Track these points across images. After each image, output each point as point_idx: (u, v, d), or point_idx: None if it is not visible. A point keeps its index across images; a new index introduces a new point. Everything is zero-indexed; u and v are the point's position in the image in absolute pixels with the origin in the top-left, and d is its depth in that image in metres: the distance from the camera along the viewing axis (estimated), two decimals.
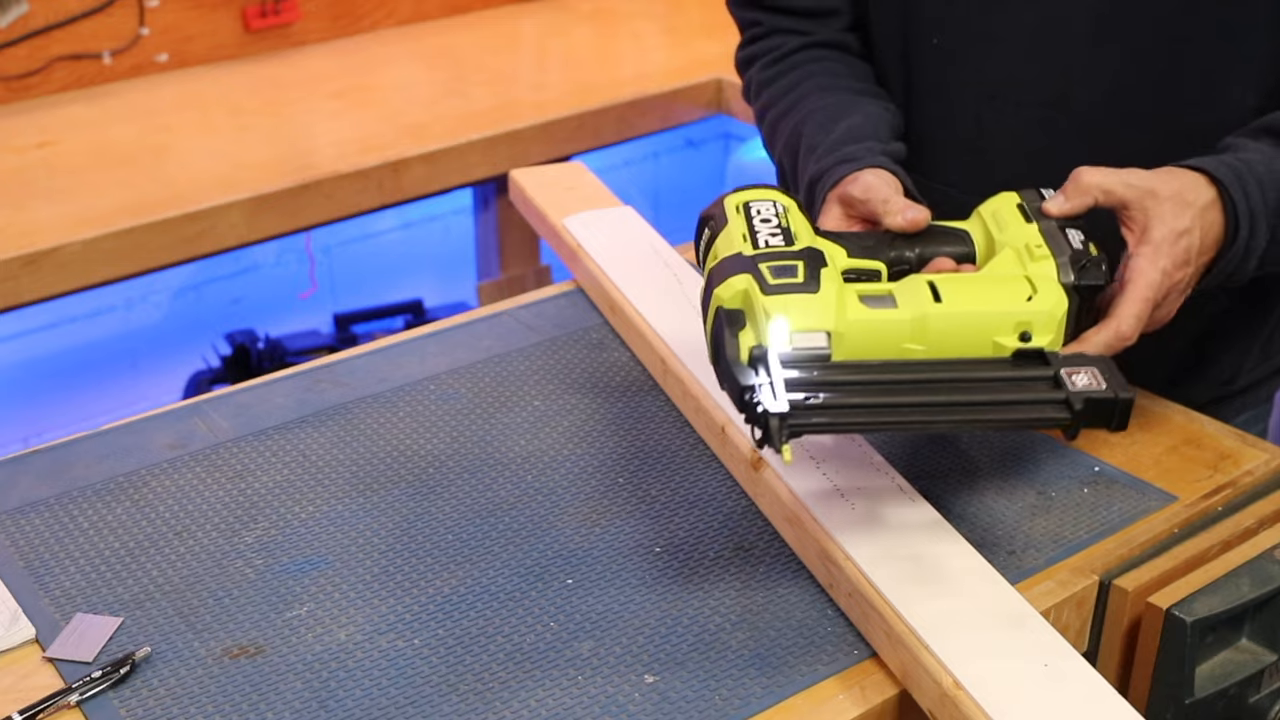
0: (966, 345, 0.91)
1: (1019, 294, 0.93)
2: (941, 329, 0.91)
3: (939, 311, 0.91)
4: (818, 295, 0.90)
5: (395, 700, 0.90)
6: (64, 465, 1.14)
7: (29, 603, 0.98)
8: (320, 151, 2.09)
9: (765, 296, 0.90)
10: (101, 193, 1.94)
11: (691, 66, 2.40)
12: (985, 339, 0.91)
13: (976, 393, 0.89)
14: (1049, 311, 0.92)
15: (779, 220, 0.97)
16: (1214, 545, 1.04)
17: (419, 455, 1.15)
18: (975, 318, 0.91)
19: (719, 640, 0.95)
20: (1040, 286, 0.93)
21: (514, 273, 2.44)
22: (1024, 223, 1.00)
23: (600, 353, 1.30)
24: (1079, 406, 0.87)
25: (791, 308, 0.89)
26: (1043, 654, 0.90)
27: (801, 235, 0.96)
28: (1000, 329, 0.91)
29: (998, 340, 0.91)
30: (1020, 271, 0.96)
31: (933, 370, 0.90)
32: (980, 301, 0.92)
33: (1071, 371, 0.89)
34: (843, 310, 0.90)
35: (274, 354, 2.37)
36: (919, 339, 0.91)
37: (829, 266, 0.93)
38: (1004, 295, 0.93)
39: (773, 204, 0.98)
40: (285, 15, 2.46)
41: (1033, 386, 0.89)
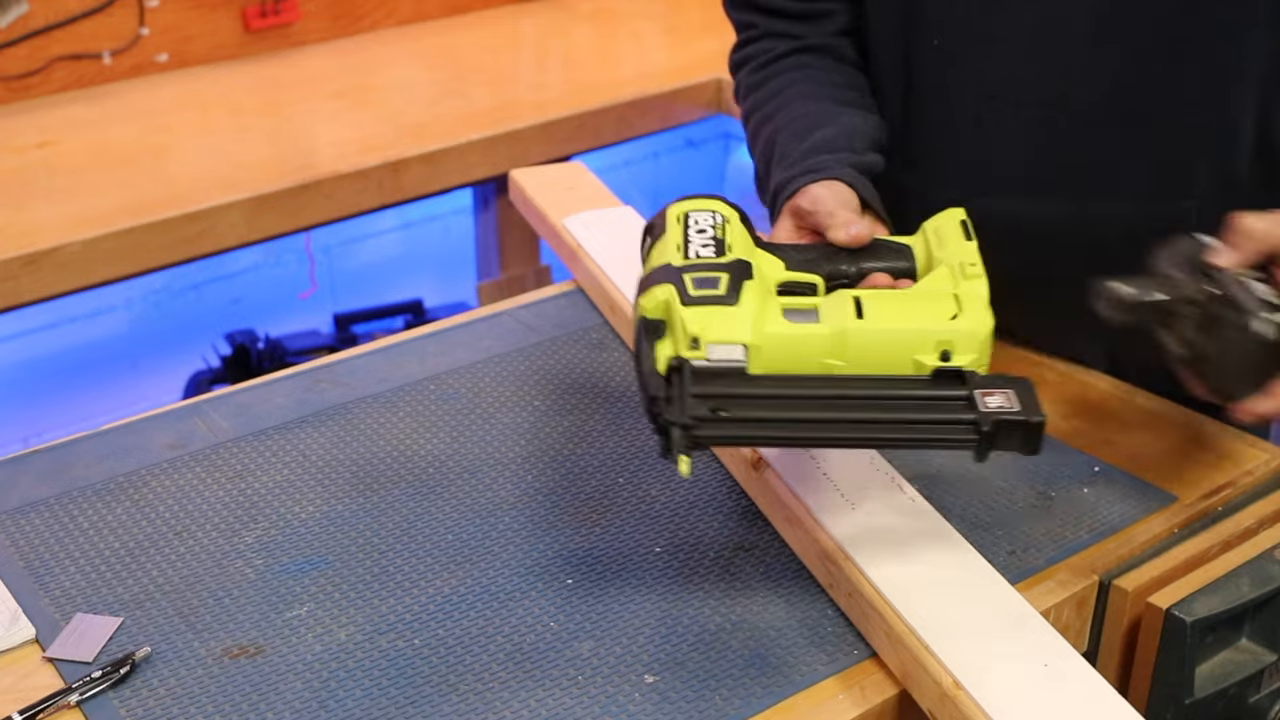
0: (887, 362, 0.90)
1: (944, 312, 0.91)
2: (861, 344, 0.90)
3: (859, 327, 0.90)
4: (736, 308, 0.90)
5: (395, 700, 0.90)
6: (64, 465, 1.14)
7: (29, 603, 0.98)
8: (320, 151, 2.09)
9: (684, 307, 0.90)
10: (101, 193, 1.94)
11: (691, 66, 2.40)
12: (906, 356, 0.90)
13: (886, 411, 0.88)
14: (972, 331, 0.90)
15: (714, 231, 0.96)
16: (1214, 545, 1.04)
17: (419, 455, 1.15)
18: (896, 335, 0.90)
19: (719, 640, 0.95)
20: (966, 306, 0.92)
21: (514, 273, 2.44)
22: (963, 240, 0.98)
23: (600, 353, 1.30)
24: (987, 428, 0.86)
25: (709, 319, 0.89)
26: (1043, 654, 0.90)
27: (736, 247, 0.95)
28: (921, 347, 0.90)
29: (918, 358, 0.90)
30: (951, 289, 0.94)
31: (847, 386, 0.89)
32: (903, 319, 0.91)
33: (986, 393, 0.88)
34: (761, 323, 0.90)
35: (274, 354, 2.37)
36: (839, 354, 0.90)
37: (754, 280, 0.92)
38: (928, 313, 0.91)
39: (712, 215, 0.98)
40: (285, 15, 2.46)
41: (945, 406, 0.88)
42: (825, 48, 1.27)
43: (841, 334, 0.90)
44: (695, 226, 0.97)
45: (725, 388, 0.88)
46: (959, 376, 0.89)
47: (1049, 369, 1.26)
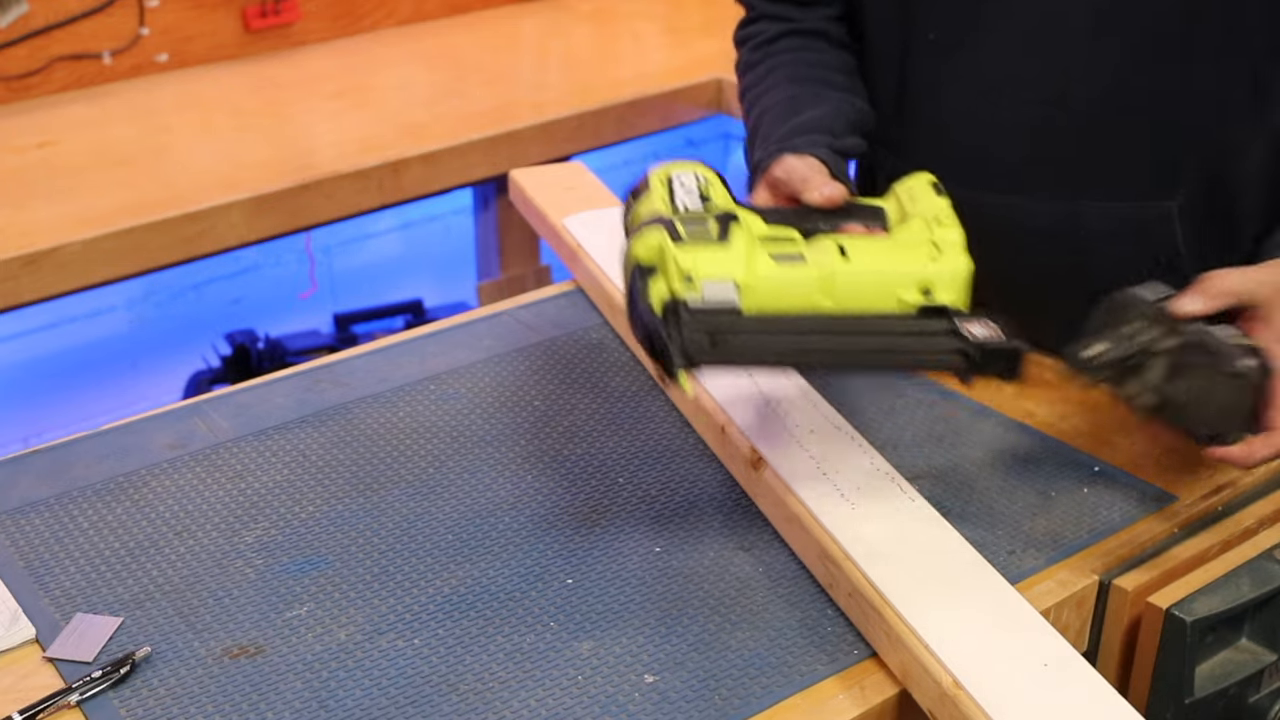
0: (873, 301, 0.95)
1: (924, 255, 0.96)
2: (849, 285, 0.94)
3: (846, 268, 0.94)
4: (728, 248, 0.93)
5: (395, 700, 0.90)
6: (64, 465, 1.14)
7: (29, 603, 0.98)
8: (320, 151, 2.08)
9: (676, 247, 0.93)
10: (101, 193, 1.93)
11: (691, 66, 2.40)
12: (891, 295, 0.95)
13: (878, 337, 0.94)
14: (952, 272, 0.95)
15: (699, 188, 1.00)
16: (1214, 545, 1.04)
17: (419, 455, 1.15)
18: (882, 275, 0.95)
19: (719, 640, 0.95)
20: (945, 250, 0.97)
21: (514, 273, 2.44)
22: (935, 197, 1.02)
23: (600, 353, 1.30)
24: (975, 354, 0.92)
25: (701, 259, 0.92)
26: (1043, 654, 0.90)
27: (719, 202, 1.00)
28: (905, 286, 0.95)
29: (902, 297, 0.95)
30: (928, 237, 0.98)
31: (838, 321, 0.94)
32: (886, 261, 0.96)
33: (969, 323, 0.94)
34: (752, 264, 0.93)
35: (274, 354, 2.37)
36: (827, 294, 0.94)
37: (741, 226, 0.96)
38: (909, 256, 0.96)
39: (695, 175, 1.02)
40: (285, 15, 2.46)
41: (933, 334, 0.94)
42: (818, 32, 1.29)
43: (830, 275, 0.94)
44: (680, 184, 1.01)
45: (719, 321, 0.91)
46: (942, 312, 0.95)
47: (1049, 369, 1.26)
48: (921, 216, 1.01)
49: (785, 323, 0.93)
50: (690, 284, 0.91)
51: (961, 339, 0.93)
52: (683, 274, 0.91)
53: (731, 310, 0.92)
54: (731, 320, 0.91)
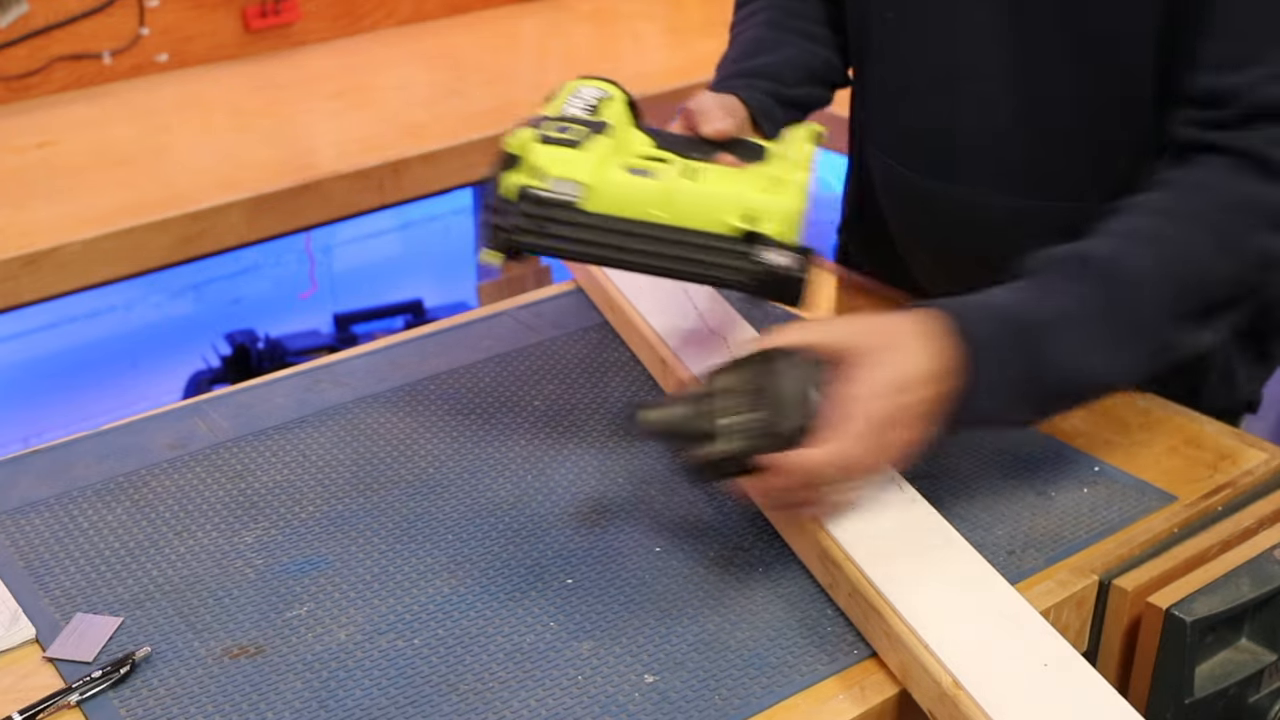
0: (703, 220, 1.01)
1: (761, 187, 1.02)
2: (684, 201, 1.01)
3: (685, 186, 1.02)
4: (581, 152, 1.02)
5: (395, 700, 0.90)
6: (64, 465, 1.14)
7: (29, 603, 0.98)
8: (320, 151, 2.08)
9: (538, 144, 1.02)
10: (101, 193, 1.93)
11: (691, 66, 2.40)
12: (719, 217, 1.01)
13: (687, 249, 1.01)
14: (781, 206, 1.01)
15: (594, 101, 1.09)
16: (1214, 545, 1.04)
17: (419, 455, 1.15)
18: (714, 197, 1.01)
19: (719, 640, 0.95)
20: (783, 187, 1.03)
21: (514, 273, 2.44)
22: (805, 144, 1.11)
23: (600, 353, 1.30)
24: (758, 278, 0.99)
25: (556, 157, 1.02)
26: (1043, 654, 0.90)
27: (609, 117, 1.08)
28: (733, 211, 1.01)
29: (729, 220, 1.00)
30: (777, 174, 1.04)
31: (657, 229, 1.01)
32: (723, 186, 1.02)
33: (773, 252, 0.99)
34: (601, 169, 1.02)
35: (274, 354, 2.37)
36: (663, 207, 1.01)
37: (609, 138, 1.05)
38: (747, 185, 1.02)
39: (599, 90, 1.11)
40: (285, 15, 2.46)
41: (734, 255, 1.00)
42: None
43: (668, 190, 1.02)
44: (578, 95, 1.10)
45: (556, 213, 1.01)
46: (757, 238, 1.00)
47: None
48: (785, 158, 1.09)
49: (614, 224, 1.01)
50: (540, 177, 1.01)
51: (753, 263, 0.99)
52: (536, 167, 1.01)
53: (568, 205, 1.01)
54: (565, 213, 1.01)
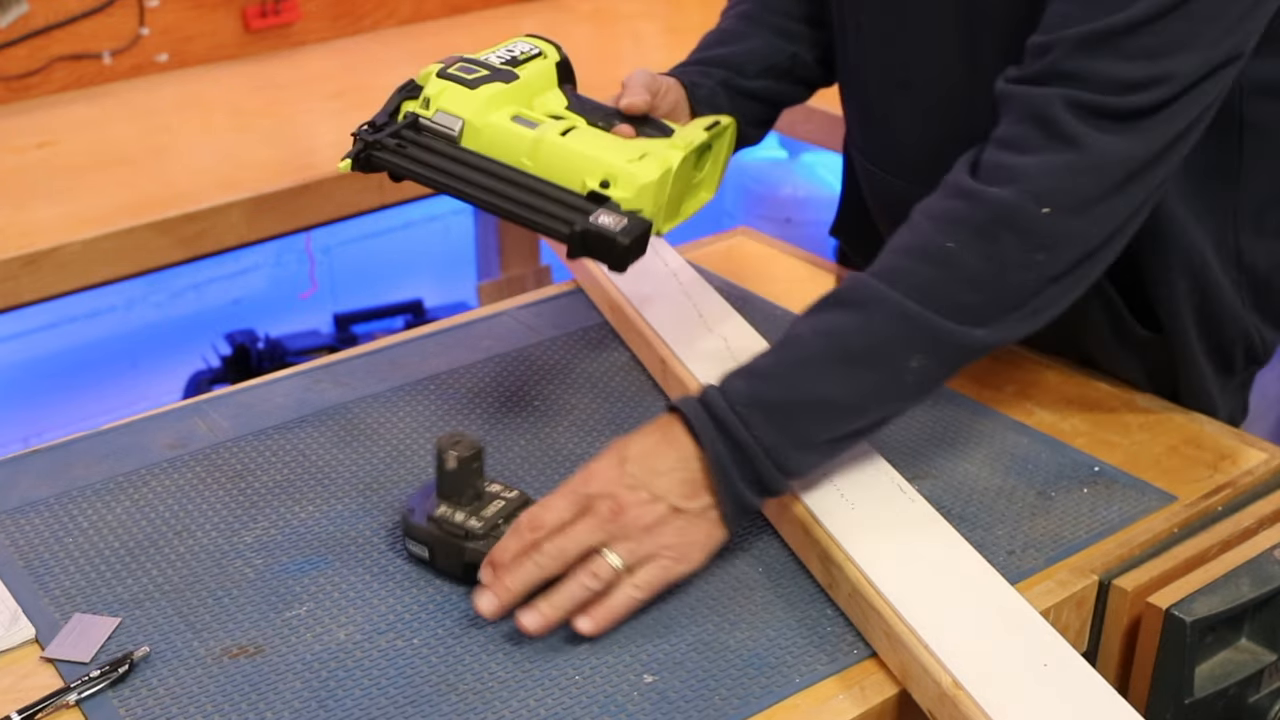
0: (565, 177, 1.05)
1: (626, 154, 1.05)
2: (550, 154, 1.05)
3: (553, 140, 1.05)
4: (473, 92, 1.07)
5: (395, 700, 0.90)
6: (64, 465, 1.14)
7: (29, 603, 0.98)
8: (320, 151, 2.08)
9: (436, 78, 1.08)
10: (101, 193, 1.93)
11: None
12: (579, 176, 1.04)
13: (529, 195, 1.04)
14: (634, 173, 1.04)
15: (520, 55, 1.13)
16: (1214, 545, 1.04)
17: (419, 455, 1.15)
18: (578, 156, 1.05)
19: (718, 640, 0.95)
20: (649, 160, 1.05)
21: (514, 273, 2.44)
22: (699, 130, 1.13)
23: (600, 353, 1.30)
24: (579, 229, 1.01)
25: (447, 92, 1.07)
26: (1043, 654, 0.90)
27: (527, 71, 1.12)
28: (592, 173, 1.04)
29: (586, 181, 1.04)
30: (653, 149, 1.07)
31: (514, 174, 1.05)
32: (589, 147, 1.06)
33: (606, 214, 1.02)
34: (485, 111, 1.06)
35: (274, 354, 2.37)
36: (532, 157, 1.05)
37: (509, 87, 1.08)
38: (613, 150, 1.06)
39: (532, 46, 1.15)
40: (285, 15, 2.46)
41: (569, 209, 1.03)
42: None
43: (539, 141, 1.05)
44: (510, 48, 1.14)
45: (430, 141, 1.06)
46: (601, 200, 1.03)
47: (1049, 369, 1.26)
48: (675, 136, 1.11)
49: (477, 161, 1.05)
50: (428, 106, 1.06)
51: (581, 219, 1.01)
52: (426, 97, 1.07)
53: (445, 137, 1.06)
54: (438, 143, 1.06)
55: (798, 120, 2.26)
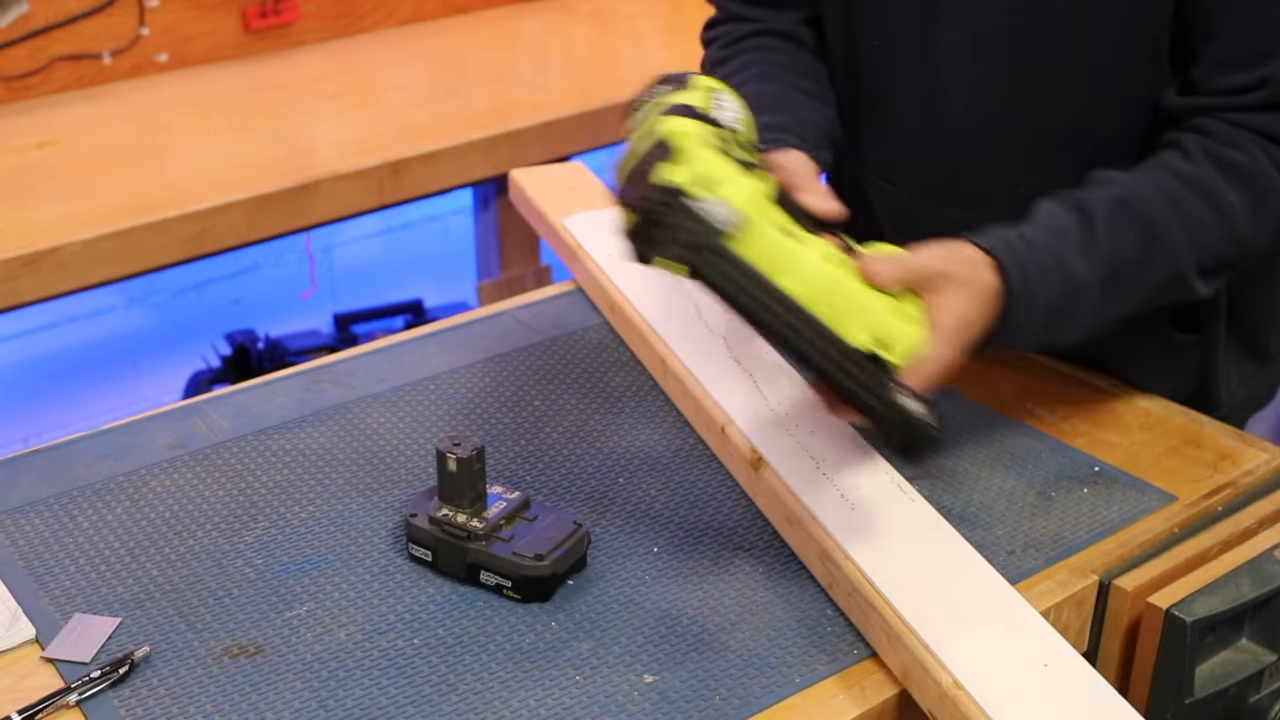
0: (835, 317, 0.92)
1: (893, 311, 0.94)
2: (827, 289, 0.92)
3: (833, 274, 0.92)
4: (750, 180, 0.92)
5: (395, 700, 0.90)
6: (64, 465, 1.14)
7: (29, 603, 0.98)
8: (320, 151, 2.08)
9: (711, 152, 0.91)
10: (101, 193, 1.93)
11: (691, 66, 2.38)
12: (851, 323, 0.92)
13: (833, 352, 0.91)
14: (912, 342, 0.94)
15: (739, 115, 0.98)
16: (1214, 545, 1.04)
17: (419, 455, 1.15)
18: (859, 303, 0.93)
19: (719, 640, 0.95)
20: (911, 319, 0.95)
21: (514, 273, 2.44)
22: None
23: (600, 353, 1.30)
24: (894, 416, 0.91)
25: (726, 175, 0.90)
26: (1043, 654, 0.90)
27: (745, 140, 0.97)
28: (868, 324, 0.93)
29: (859, 332, 0.92)
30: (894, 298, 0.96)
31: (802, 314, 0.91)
32: (867, 295, 0.94)
33: (910, 397, 0.92)
34: (759, 212, 0.91)
35: (274, 354, 2.37)
36: (804, 284, 0.91)
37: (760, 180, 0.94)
38: (888, 304, 0.95)
39: (737, 104, 0.99)
40: (285, 15, 2.46)
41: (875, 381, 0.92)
42: (786, 33, 1.28)
43: (820, 272, 0.92)
44: (725, 105, 0.97)
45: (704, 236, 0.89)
46: (882, 365, 0.93)
47: (1049, 369, 1.26)
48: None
49: (758, 279, 0.91)
50: (704, 188, 0.89)
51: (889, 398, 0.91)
52: (705, 177, 0.89)
53: (725, 232, 0.90)
54: (719, 242, 0.89)
55: None
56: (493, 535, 0.99)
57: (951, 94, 1.18)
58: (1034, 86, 1.14)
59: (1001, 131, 1.18)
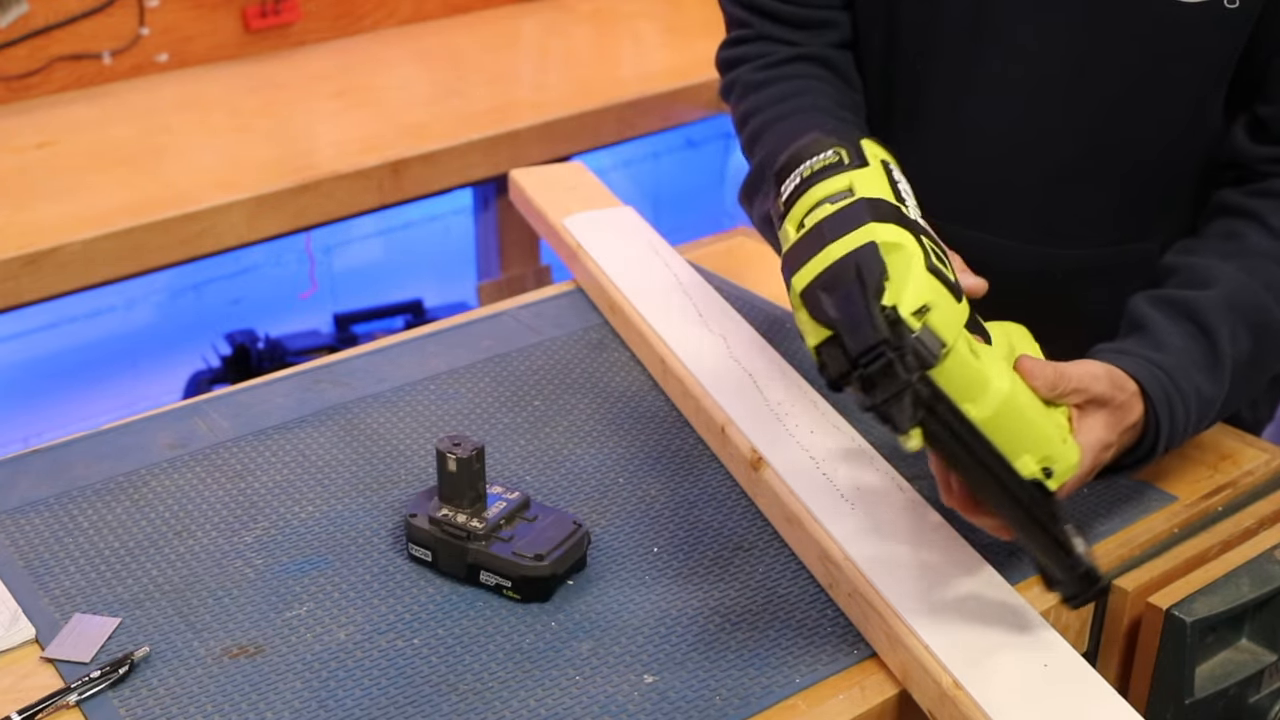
0: (1004, 438, 0.86)
1: (1060, 429, 0.91)
2: (1004, 414, 0.85)
3: (1013, 404, 0.86)
4: (959, 306, 0.83)
5: (395, 700, 0.90)
6: (64, 465, 1.14)
7: (29, 603, 0.98)
8: (320, 151, 2.08)
9: (926, 272, 0.80)
10: (101, 193, 1.93)
11: (691, 66, 2.40)
12: (1021, 447, 0.87)
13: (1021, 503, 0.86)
14: (1071, 462, 0.90)
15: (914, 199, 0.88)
16: (1214, 545, 1.04)
17: (419, 455, 1.15)
18: (1031, 428, 0.87)
19: (719, 640, 0.95)
20: (1069, 436, 0.92)
21: (514, 273, 2.44)
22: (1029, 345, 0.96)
23: (600, 353, 1.30)
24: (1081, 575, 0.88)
25: (941, 302, 0.81)
26: (1043, 654, 0.90)
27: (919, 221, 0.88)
28: (1035, 449, 0.88)
29: (1026, 458, 0.87)
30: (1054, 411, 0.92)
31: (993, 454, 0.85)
32: (1039, 417, 0.88)
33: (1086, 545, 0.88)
34: (960, 336, 0.83)
35: (274, 354, 2.37)
36: (983, 408, 0.84)
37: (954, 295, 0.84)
38: (1051, 422, 0.90)
39: (901, 174, 0.90)
40: (285, 15, 2.46)
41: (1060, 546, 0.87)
42: (824, 59, 1.23)
43: (1001, 401, 0.85)
44: (899, 179, 0.89)
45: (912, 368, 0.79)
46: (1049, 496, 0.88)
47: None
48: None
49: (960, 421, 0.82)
50: (918, 318, 0.79)
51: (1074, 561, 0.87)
52: (921, 303, 0.79)
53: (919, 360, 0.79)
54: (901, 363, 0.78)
55: None
56: (493, 535, 0.99)
57: (996, 118, 1.17)
58: (1087, 115, 1.13)
59: (1044, 158, 1.16)
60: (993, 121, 1.17)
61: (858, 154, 0.87)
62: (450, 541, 0.99)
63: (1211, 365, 1.03)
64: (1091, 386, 0.95)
